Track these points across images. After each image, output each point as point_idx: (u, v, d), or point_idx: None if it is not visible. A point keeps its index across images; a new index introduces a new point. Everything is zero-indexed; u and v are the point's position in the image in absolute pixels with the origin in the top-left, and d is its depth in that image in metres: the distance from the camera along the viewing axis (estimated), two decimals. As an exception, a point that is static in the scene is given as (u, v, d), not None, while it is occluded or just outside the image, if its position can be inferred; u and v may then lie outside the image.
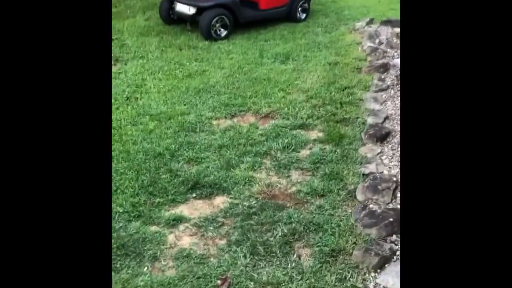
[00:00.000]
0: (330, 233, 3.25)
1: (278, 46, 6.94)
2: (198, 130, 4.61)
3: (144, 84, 5.57)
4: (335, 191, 3.70)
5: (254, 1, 7.68)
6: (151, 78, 5.72)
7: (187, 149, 4.27)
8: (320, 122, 4.78)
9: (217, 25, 7.08)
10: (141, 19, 7.80)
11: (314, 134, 4.59)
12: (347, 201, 3.62)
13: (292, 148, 4.32)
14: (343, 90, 5.45)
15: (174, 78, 5.74)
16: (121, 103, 5.08)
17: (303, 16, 8.28)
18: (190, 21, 7.32)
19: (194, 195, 3.72)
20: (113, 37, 6.86)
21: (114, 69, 5.87)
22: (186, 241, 3.25)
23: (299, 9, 8.16)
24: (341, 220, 3.38)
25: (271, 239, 3.21)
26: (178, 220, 3.42)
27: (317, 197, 3.67)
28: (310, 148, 4.35)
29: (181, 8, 7.22)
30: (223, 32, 7.20)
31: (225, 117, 4.90)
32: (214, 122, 4.79)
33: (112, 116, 4.79)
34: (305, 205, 3.59)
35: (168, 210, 3.53)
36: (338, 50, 6.82)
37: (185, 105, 5.09)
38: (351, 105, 5.07)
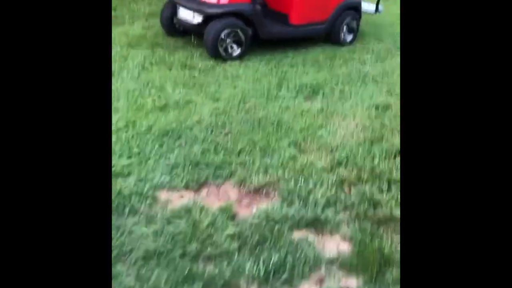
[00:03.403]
0: None
1: (307, 75, 4.73)
2: (125, 211, 2.49)
3: (89, 116, 3.55)
4: None
5: (283, 13, 5.55)
6: (104, 107, 3.70)
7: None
8: (347, 219, 2.51)
9: (228, 40, 4.99)
10: (139, 27, 5.87)
11: (332, 245, 2.32)
12: None
13: (284, 276, 2.09)
14: (394, 157, 3.14)
15: (139, 109, 3.67)
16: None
17: (349, 38, 6.02)
18: (196, 33, 5.30)
19: None
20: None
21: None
22: None
23: (345, 28, 5.92)
24: None
25: None
26: None
27: None
28: (321, 281, 2.10)
29: (184, 14, 5.21)
30: (236, 50, 5.07)
31: (186, 187, 2.74)
32: (163, 197, 2.65)
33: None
34: None
35: None
36: (391, 87, 4.51)
37: (129, 158, 2.99)
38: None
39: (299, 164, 2.99)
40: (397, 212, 2.51)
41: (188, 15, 5.07)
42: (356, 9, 5.93)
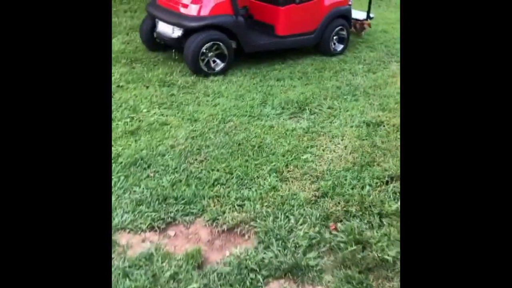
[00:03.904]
0: None
1: (294, 90, 4.41)
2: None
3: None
4: None
5: (269, 24, 5.23)
6: (69, 134, 3.38)
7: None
8: (332, 264, 2.17)
9: (210, 54, 4.67)
10: (119, 41, 5.56)
11: (313, 299, 2.00)
12: None
13: None
14: (386, 184, 2.81)
15: (108, 135, 3.35)
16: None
17: (340, 47, 5.69)
18: (176, 47, 4.99)
19: None
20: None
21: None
22: None
23: (334, 38, 5.60)
24: None
25: None
26: None
27: None
28: None
29: (163, 28, 4.90)
30: (219, 65, 4.75)
31: (151, 228, 2.41)
32: (123, 240, 2.30)
33: None
34: None
35: None
36: (383, 101, 4.18)
37: (89, 194, 2.67)
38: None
39: (279, 196, 2.65)
40: (388, 254, 2.17)
41: (167, 29, 4.76)
42: (346, 18, 5.63)
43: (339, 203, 2.59)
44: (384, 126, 3.62)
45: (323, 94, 4.30)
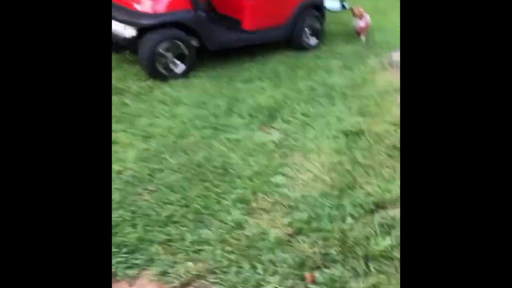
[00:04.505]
0: None
1: (263, 93, 3.93)
2: None
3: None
4: None
5: (234, 18, 4.71)
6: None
7: None
8: (309, 335, 1.74)
9: (168, 54, 4.14)
10: (67, 42, 4.99)
11: None
12: None
13: None
14: (371, 212, 2.37)
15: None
16: None
17: (313, 41, 5.21)
18: (130, 48, 4.42)
19: None
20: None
21: None
22: None
23: (307, 31, 5.13)
24: None
25: None
26: None
27: None
28: None
29: (115, 27, 4.33)
30: (179, 67, 4.23)
31: (83, 292, 1.94)
32: (45, 313, 1.84)
33: None
34: None
35: None
36: (363, 104, 3.75)
37: None
38: (390, 268, 2.00)
39: (245, 236, 2.18)
40: (379, 315, 1.75)
41: (118, 27, 4.18)
42: (318, 8, 5.15)
43: (316, 242, 2.14)
44: (364, 135, 3.18)
45: (296, 97, 3.84)
